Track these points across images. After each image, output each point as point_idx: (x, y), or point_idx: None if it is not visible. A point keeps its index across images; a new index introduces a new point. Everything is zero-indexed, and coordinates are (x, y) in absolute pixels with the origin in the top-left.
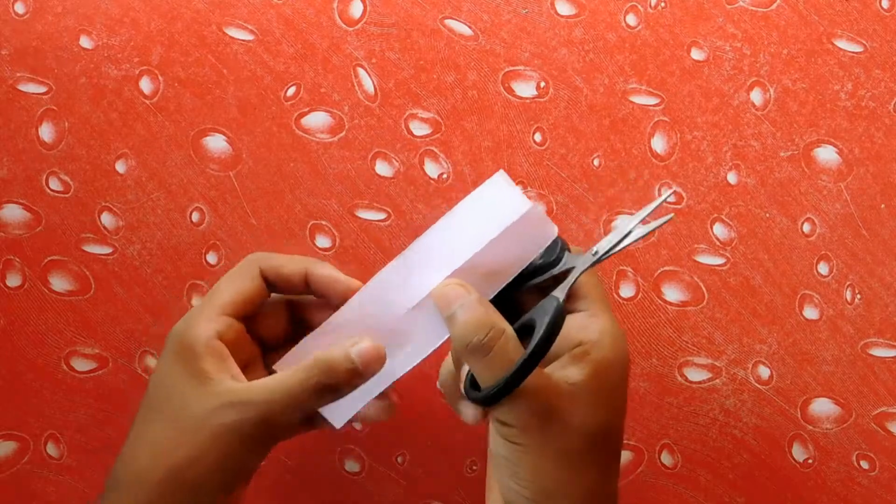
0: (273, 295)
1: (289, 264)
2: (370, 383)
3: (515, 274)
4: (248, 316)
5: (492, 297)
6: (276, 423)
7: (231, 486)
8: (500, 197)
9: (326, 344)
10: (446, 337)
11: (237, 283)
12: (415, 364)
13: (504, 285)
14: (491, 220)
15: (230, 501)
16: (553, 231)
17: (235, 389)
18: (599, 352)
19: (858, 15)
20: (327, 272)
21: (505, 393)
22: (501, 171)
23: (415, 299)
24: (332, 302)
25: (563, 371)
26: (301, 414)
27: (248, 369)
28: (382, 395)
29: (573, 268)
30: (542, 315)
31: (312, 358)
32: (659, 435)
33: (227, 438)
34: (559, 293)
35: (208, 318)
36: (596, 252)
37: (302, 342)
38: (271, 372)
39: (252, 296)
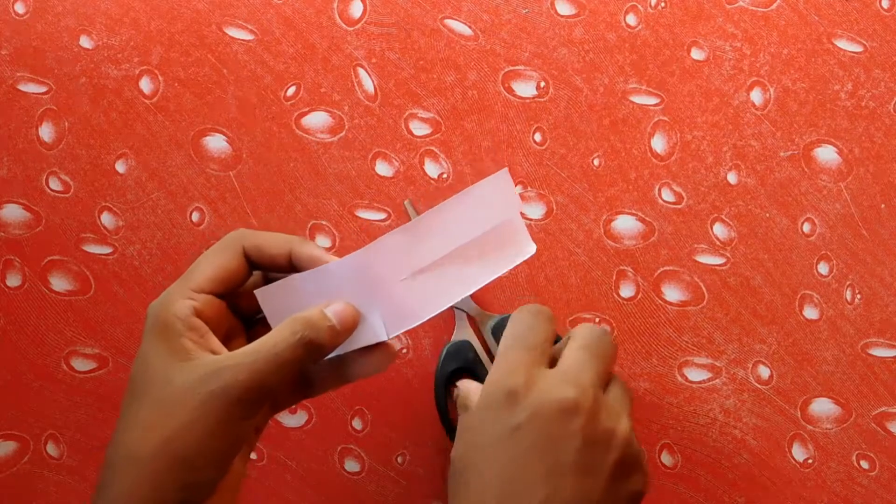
0: (255, 272)
1: (272, 243)
2: (360, 339)
3: (487, 280)
4: (229, 292)
5: (463, 297)
6: (264, 384)
7: (225, 456)
8: (499, 196)
9: (311, 290)
10: (440, 309)
11: (218, 260)
12: (404, 329)
13: (474, 290)
14: (484, 217)
15: (230, 478)
16: (531, 249)
17: (219, 358)
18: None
19: (858, 15)
20: (310, 251)
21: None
22: (506, 170)
23: (414, 268)
24: None
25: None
26: (289, 372)
27: (231, 345)
28: (379, 347)
29: None
30: None
31: (290, 319)
32: (659, 435)
33: (215, 405)
34: None
35: (186, 294)
36: None
37: (289, 278)
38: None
39: (233, 273)
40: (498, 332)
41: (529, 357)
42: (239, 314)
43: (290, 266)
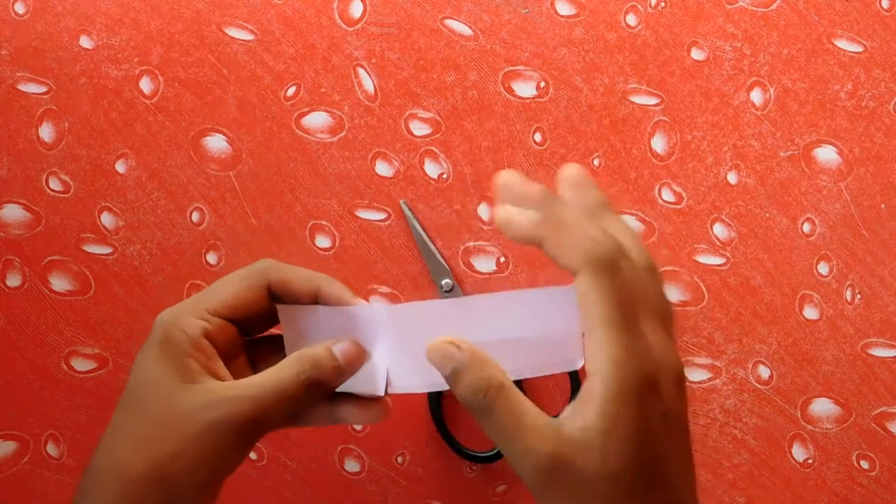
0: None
1: (299, 280)
2: (358, 386)
3: (520, 376)
4: (241, 319)
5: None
6: (265, 419)
7: (212, 484)
8: (561, 308)
9: (334, 325)
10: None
11: (238, 287)
12: (405, 391)
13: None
14: (543, 321)
15: (208, 501)
16: (579, 363)
17: (224, 386)
18: (606, 385)
19: (858, 15)
20: (339, 293)
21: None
22: (573, 287)
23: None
24: None
25: (573, 416)
26: (290, 409)
27: (232, 364)
28: (376, 401)
29: None
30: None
31: (296, 355)
32: None
33: (213, 434)
34: None
35: (199, 314)
36: None
37: (315, 307)
38: (256, 370)
39: (251, 303)
40: None
41: (637, 328)
42: (243, 330)
43: (314, 302)
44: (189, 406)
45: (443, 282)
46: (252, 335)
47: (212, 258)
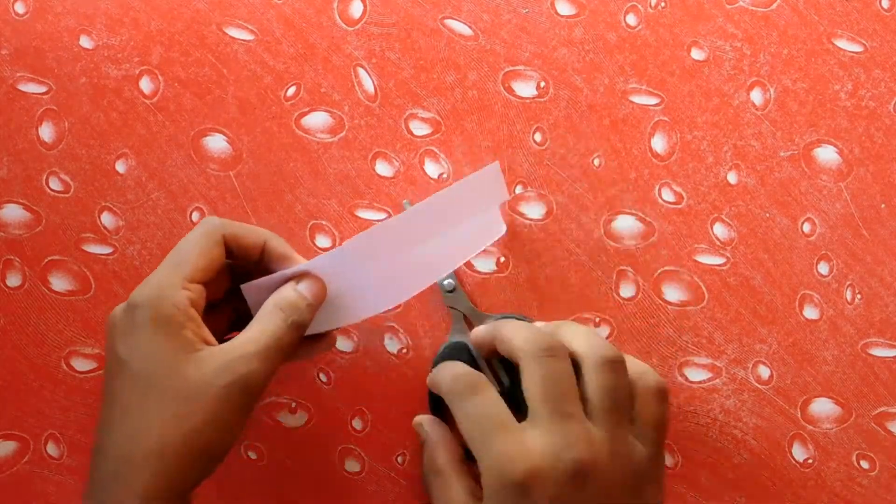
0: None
1: (249, 234)
2: (335, 317)
3: (463, 260)
4: (210, 281)
5: (443, 276)
6: (270, 372)
7: (235, 443)
8: (488, 187)
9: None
10: (407, 296)
11: (203, 249)
12: (373, 313)
13: (442, 274)
14: (471, 207)
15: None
16: (502, 230)
17: (223, 349)
18: (485, 484)
19: (858, 15)
20: (283, 248)
21: None
22: (496, 163)
23: (395, 258)
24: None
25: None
26: (286, 355)
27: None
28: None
29: None
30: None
31: (271, 304)
32: None
33: (234, 396)
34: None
35: (181, 284)
36: None
37: (275, 275)
38: (213, 329)
39: (216, 262)
40: None
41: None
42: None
43: (260, 259)
44: (203, 375)
45: (445, 282)
46: (212, 293)
47: None
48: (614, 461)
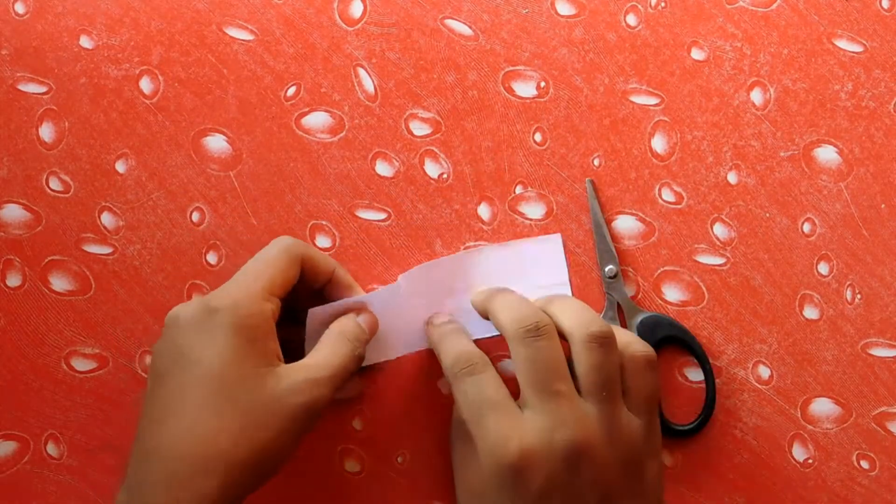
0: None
1: (322, 260)
2: (373, 353)
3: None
4: (284, 297)
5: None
6: (331, 399)
7: (287, 463)
8: (548, 260)
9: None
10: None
11: (283, 265)
12: (408, 351)
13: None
14: (531, 273)
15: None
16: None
17: (296, 369)
18: (484, 464)
19: (858, 15)
20: (348, 278)
21: None
22: (559, 235)
23: (442, 301)
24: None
25: None
26: (343, 385)
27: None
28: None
29: None
30: None
31: (336, 333)
32: None
33: (302, 417)
34: None
35: (263, 297)
36: None
37: (339, 302)
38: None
39: (291, 281)
40: None
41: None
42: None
43: (324, 285)
44: (279, 391)
45: (606, 268)
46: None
47: (212, 258)
48: (610, 438)
